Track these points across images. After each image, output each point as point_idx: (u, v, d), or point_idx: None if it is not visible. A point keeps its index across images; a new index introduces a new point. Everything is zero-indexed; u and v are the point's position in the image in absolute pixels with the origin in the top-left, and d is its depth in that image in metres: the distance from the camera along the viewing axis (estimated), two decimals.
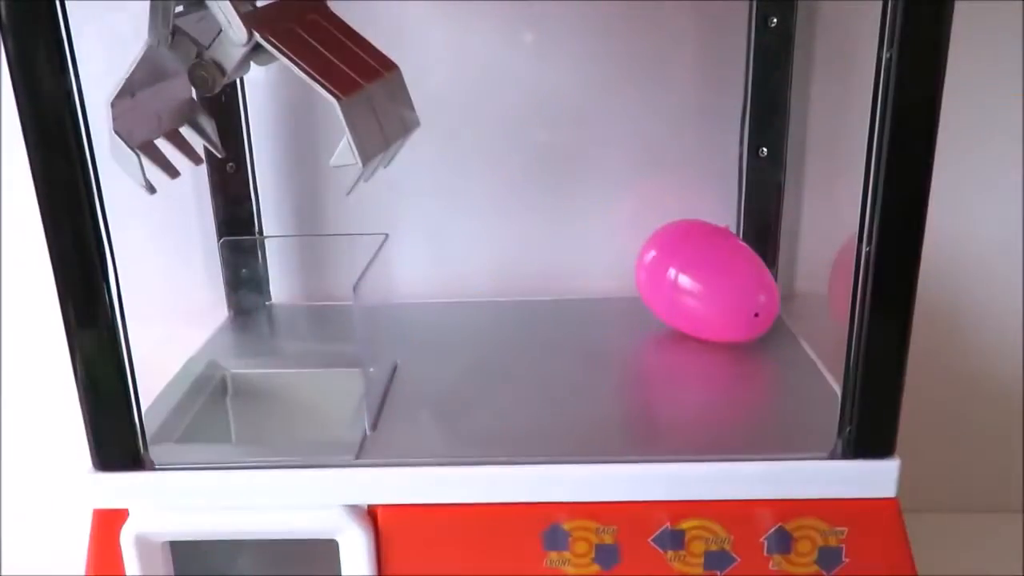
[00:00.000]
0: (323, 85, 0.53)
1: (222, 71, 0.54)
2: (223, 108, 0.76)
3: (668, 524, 0.57)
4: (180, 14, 0.54)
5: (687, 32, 0.78)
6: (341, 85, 0.54)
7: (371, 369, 0.66)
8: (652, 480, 0.57)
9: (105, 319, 0.53)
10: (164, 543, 0.58)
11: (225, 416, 0.72)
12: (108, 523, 0.58)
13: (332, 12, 0.61)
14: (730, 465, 0.56)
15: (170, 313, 0.82)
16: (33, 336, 0.86)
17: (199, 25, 0.54)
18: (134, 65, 0.54)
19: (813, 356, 0.70)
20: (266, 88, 0.80)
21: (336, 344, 0.75)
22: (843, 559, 0.57)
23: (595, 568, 0.57)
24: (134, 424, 0.56)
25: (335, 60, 0.56)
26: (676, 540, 0.57)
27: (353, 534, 0.57)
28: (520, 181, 0.82)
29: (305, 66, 0.53)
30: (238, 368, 0.72)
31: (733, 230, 0.79)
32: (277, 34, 0.54)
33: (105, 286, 0.53)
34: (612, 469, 0.57)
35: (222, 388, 0.72)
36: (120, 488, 0.57)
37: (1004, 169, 0.80)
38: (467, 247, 0.84)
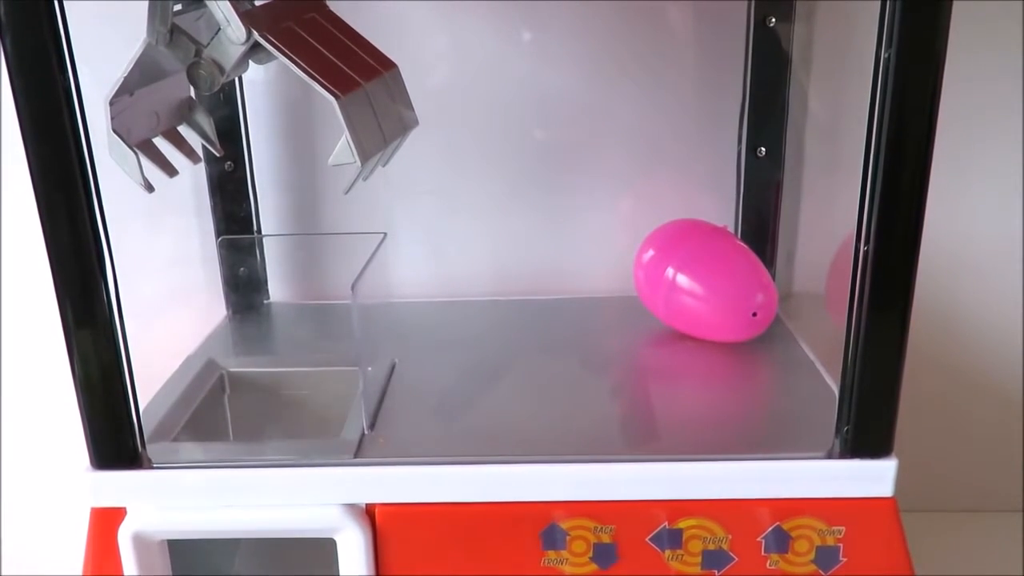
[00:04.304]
0: (322, 84, 0.53)
1: (221, 70, 0.54)
2: (222, 107, 0.76)
3: (666, 523, 0.57)
4: (178, 12, 0.54)
5: (685, 31, 0.78)
6: (340, 84, 0.54)
7: (369, 368, 0.66)
8: (650, 479, 0.57)
9: (103, 318, 0.53)
10: (162, 542, 0.58)
11: (223, 415, 0.72)
12: (106, 522, 0.58)
13: (331, 11, 0.61)
14: (728, 464, 0.56)
15: (168, 311, 0.82)
16: (32, 335, 0.86)
17: (198, 24, 0.54)
18: (132, 63, 0.54)
19: (811, 355, 0.70)
20: (265, 87, 0.80)
21: (334, 343, 0.75)
22: (840, 558, 0.57)
23: (593, 567, 0.57)
24: (132, 423, 0.56)
25: (334, 59, 0.56)
26: (674, 539, 0.57)
27: (351, 533, 0.57)
28: (518, 180, 0.82)
29: (304, 65, 0.53)
30: (236, 367, 0.72)
31: (731, 230, 0.79)
32: (276, 33, 0.53)
33: (103, 285, 0.53)
34: (610, 468, 0.57)
35: (220, 387, 0.71)
36: (118, 487, 0.57)
37: (1003, 168, 0.80)
38: (465, 246, 0.84)
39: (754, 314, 0.70)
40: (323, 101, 0.52)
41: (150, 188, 0.55)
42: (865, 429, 0.55)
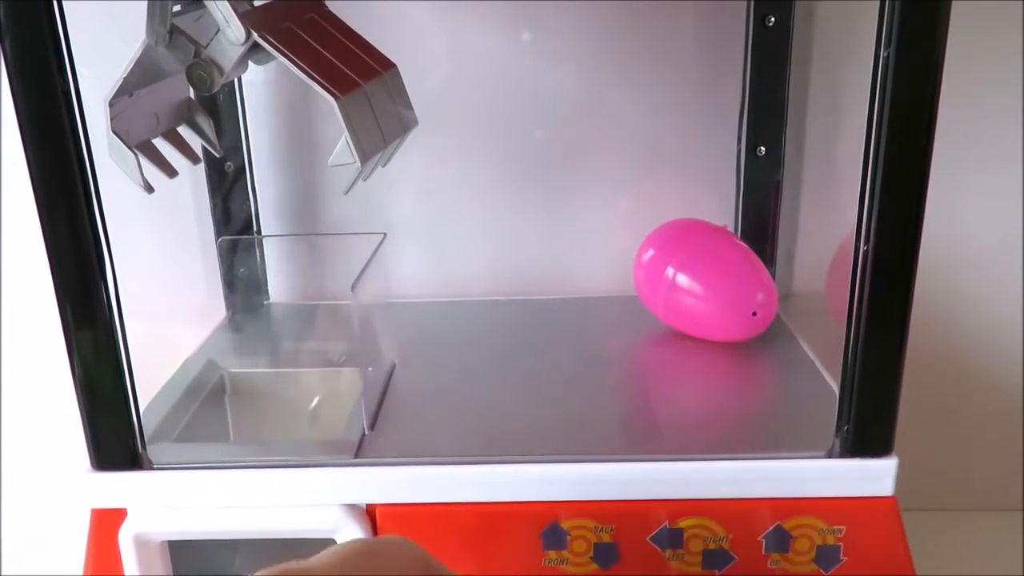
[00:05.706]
0: (321, 84, 0.52)
1: (220, 70, 0.54)
2: (221, 107, 0.76)
3: (667, 523, 0.57)
4: (178, 13, 0.54)
5: (685, 31, 0.78)
6: (339, 84, 0.53)
7: (369, 368, 0.66)
8: (650, 479, 0.57)
9: (103, 318, 0.53)
10: (162, 543, 0.58)
11: (223, 415, 0.72)
12: (106, 523, 0.58)
13: (330, 11, 0.61)
14: (728, 464, 0.56)
15: (168, 312, 0.82)
16: (32, 336, 0.86)
17: (197, 24, 0.54)
18: (131, 64, 0.54)
19: (811, 355, 0.70)
20: (264, 87, 0.79)
21: (334, 343, 0.75)
22: (841, 558, 0.57)
23: (594, 567, 0.57)
24: (132, 424, 0.56)
25: (333, 59, 0.56)
26: (674, 539, 0.57)
27: (351, 533, 0.57)
28: (518, 180, 0.82)
29: (303, 65, 0.53)
30: (236, 367, 0.72)
31: (731, 229, 0.79)
32: (275, 33, 0.53)
33: (103, 285, 0.53)
34: (610, 468, 0.57)
35: (220, 387, 0.71)
36: (118, 488, 0.57)
37: (1003, 167, 0.80)
38: (465, 246, 0.84)
39: (754, 314, 0.70)
40: (323, 101, 0.52)
41: (150, 189, 0.55)
42: (865, 429, 0.55)
